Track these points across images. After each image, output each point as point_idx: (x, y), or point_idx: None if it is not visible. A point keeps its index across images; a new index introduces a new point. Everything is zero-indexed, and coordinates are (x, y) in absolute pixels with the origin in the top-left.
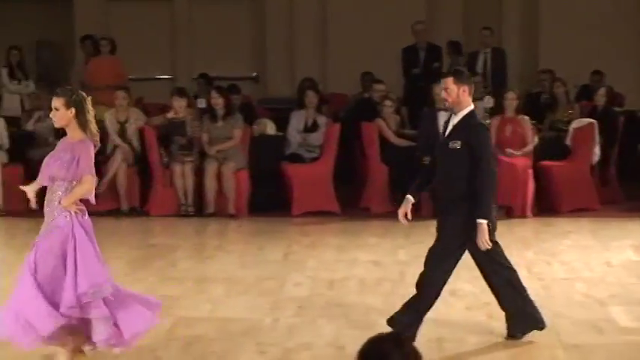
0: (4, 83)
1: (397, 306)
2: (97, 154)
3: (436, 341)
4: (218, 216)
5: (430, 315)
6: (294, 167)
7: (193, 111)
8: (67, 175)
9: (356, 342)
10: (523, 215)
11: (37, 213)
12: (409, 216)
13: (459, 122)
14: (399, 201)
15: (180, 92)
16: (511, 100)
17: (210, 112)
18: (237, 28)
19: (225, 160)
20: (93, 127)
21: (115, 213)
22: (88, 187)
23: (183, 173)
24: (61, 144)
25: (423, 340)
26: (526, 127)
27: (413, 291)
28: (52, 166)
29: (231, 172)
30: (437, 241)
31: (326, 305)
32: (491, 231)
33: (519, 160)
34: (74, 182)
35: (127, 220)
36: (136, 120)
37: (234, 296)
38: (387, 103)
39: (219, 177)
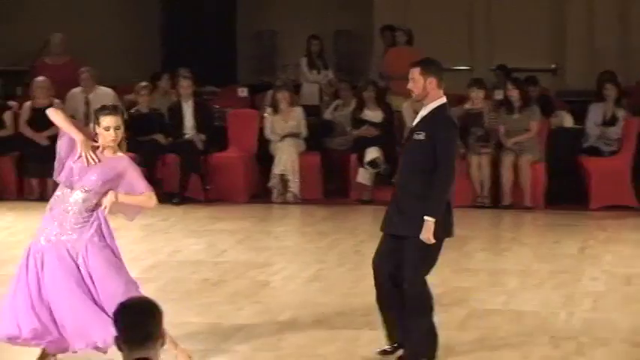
0: (304, 72)
1: None
2: (395, 143)
3: None
4: (514, 208)
5: None
6: (592, 160)
7: (491, 102)
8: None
9: None
10: None
11: (333, 202)
12: None
13: (428, 115)
14: None
15: (478, 83)
16: None
17: (506, 103)
18: (537, 18)
19: (522, 152)
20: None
21: None
22: (152, 203)
23: (479, 164)
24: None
25: None
26: None
27: None
28: (97, 181)
29: (528, 164)
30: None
31: (622, 301)
32: (443, 232)
33: None
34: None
35: None
36: None
37: (529, 289)
38: None
39: (515, 169)
